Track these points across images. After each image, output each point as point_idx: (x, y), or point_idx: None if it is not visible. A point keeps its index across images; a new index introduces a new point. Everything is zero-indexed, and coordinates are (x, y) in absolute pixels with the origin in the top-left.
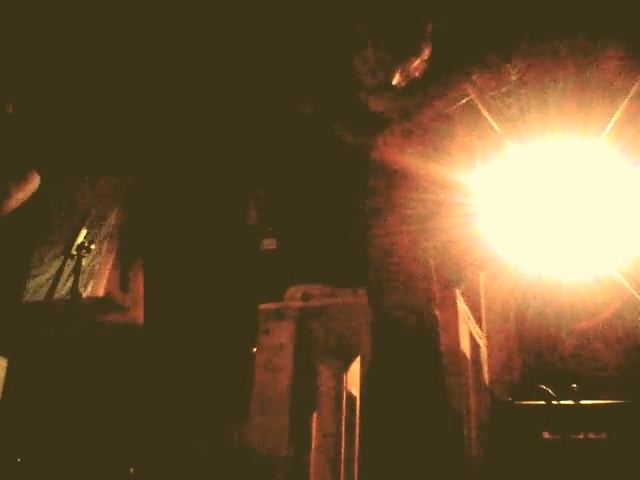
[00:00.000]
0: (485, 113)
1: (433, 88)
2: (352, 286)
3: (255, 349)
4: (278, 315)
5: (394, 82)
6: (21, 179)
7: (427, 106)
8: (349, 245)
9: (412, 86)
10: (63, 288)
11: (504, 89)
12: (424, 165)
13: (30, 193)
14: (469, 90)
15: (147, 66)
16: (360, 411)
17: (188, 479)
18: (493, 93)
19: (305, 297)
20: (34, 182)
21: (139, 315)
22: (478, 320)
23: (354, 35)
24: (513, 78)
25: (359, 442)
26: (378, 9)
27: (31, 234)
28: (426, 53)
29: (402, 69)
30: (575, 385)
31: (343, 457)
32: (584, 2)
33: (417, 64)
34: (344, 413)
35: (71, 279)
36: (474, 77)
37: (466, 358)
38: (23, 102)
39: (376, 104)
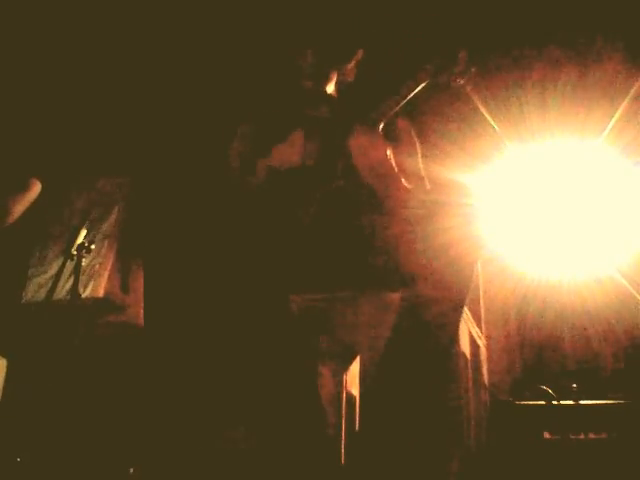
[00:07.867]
0: (485, 113)
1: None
2: (352, 288)
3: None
4: None
5: (329, 89)
6: (22, 190)
7: (420, 106)
8: (349, 247)
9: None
10: (63, 288)
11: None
12: (424, 165)
13: (31, 201)
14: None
15: (145, 66)
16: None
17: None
18: (448, 78)
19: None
20: (35, 190)
21: (139, 315)
22: (478, 320)
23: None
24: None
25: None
26: (314, 16)
27: (31, 234)
28: (355, 59)
29: (337, 74)
30: (575, 385)
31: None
32: (584, 2)
33: (349, 69)
34: (344, 413)
35: (71, 279)
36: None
37: (466, 358)
38: (21, 104)
39: (322, 110)
